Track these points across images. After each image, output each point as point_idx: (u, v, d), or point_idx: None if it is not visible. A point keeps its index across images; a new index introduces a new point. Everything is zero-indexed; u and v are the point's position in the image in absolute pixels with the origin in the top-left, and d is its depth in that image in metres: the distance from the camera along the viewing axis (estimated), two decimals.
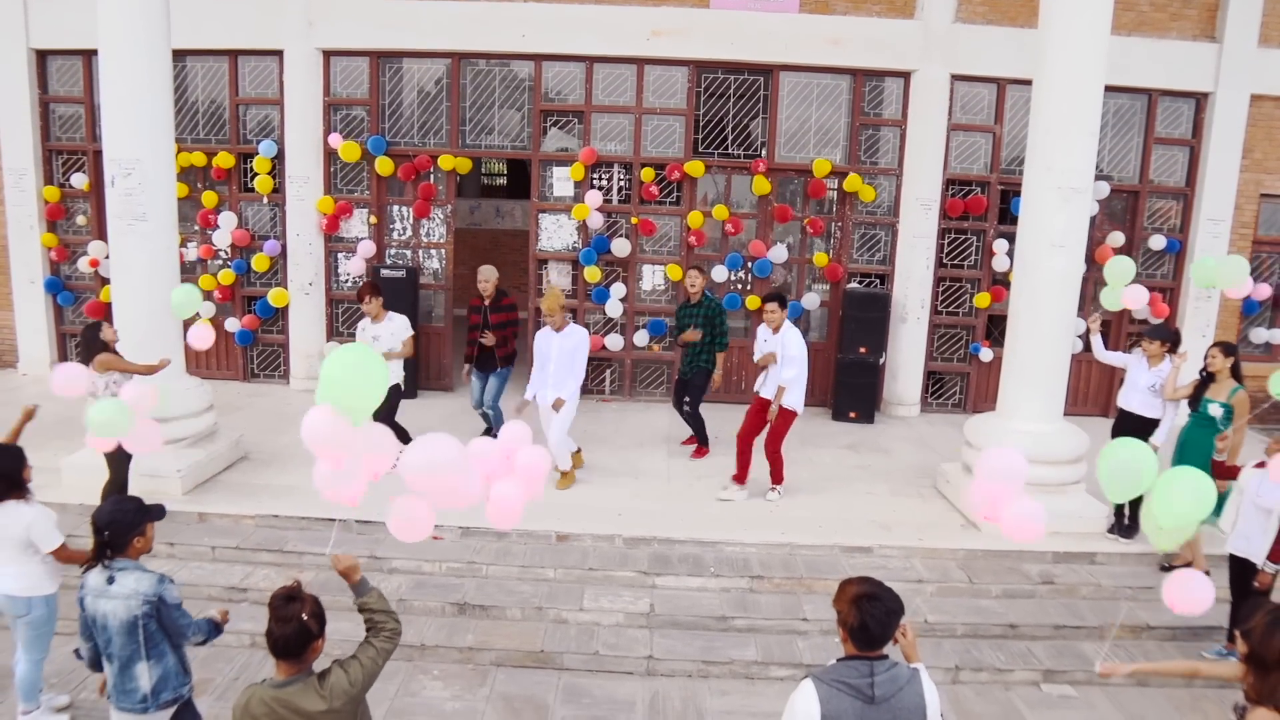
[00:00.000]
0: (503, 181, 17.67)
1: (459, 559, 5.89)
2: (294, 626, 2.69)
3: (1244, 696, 2.86)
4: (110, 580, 3.31)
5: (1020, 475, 3.40)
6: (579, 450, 7.36)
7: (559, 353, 6.74)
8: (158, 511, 3.52)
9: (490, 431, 7.65)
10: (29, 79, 9.32)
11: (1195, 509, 3.23)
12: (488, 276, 7.62)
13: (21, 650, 4.26)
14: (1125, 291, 5.96)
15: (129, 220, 6.22)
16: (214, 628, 3.54)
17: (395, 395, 6.97)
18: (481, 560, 5.90)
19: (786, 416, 6.68)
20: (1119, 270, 5.91)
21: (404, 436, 7.13)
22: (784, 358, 6.52)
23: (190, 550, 5.83)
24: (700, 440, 7.96)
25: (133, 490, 6.05)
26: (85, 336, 5.70)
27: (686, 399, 7.79)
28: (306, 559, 5.85)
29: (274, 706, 2.65)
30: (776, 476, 6.91)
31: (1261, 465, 4.85)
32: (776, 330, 6.61)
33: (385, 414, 7.43)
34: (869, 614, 2.61)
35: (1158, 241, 9.54)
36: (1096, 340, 6.54)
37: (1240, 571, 5.02)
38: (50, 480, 6.04)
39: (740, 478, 6.94)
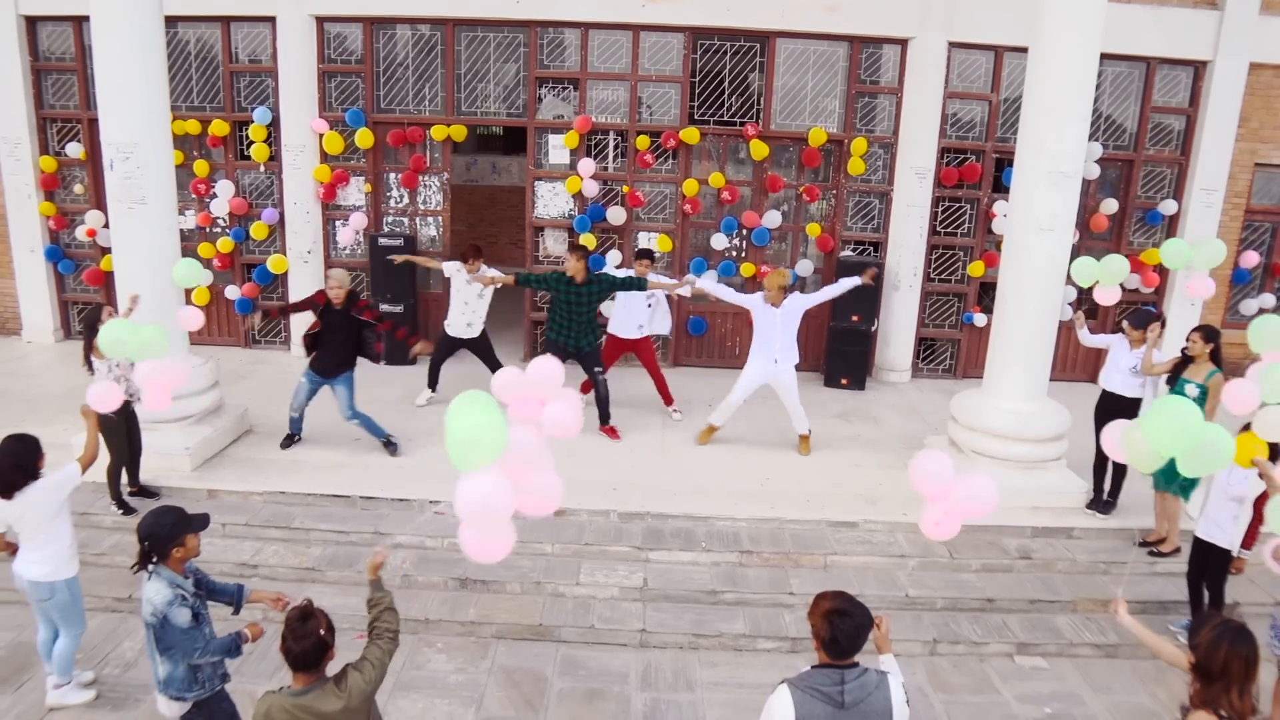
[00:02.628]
0: (498, 131, 17.47)
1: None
2: (312, 642, 2.90)
3: (1189, 700, 3.08)
4: (149, 577, 3.52)
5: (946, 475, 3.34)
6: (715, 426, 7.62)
7: (783, 325, 7.14)
8: (200, 522, 3.65)
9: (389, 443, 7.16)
10: (19, 46, 9.24)
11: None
12: (341, 281, 6.77)
13: (60, 628, 4.50)
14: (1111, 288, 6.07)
15: (129, 203, 6.29)
16: (235, 646, 3.67)
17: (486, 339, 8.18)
18: None
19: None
20: (1114, 269, 5.97)
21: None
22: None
23: None
24: (604, 418, 7.76)
25: (144, 468, 6.28)
26: (87, 322, 5.84)
27: (597, 368, 7.68)
28: (313, 535, 6.07)
29: (295, 713, 2.86)
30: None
31: None
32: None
33: (487, 356, 8.19)
34: (840, 628, 2.81)
35: (1169, 207, 9.60)
36: (1082, 331, 6.67)
37: (1203, 555, 5.25)
38: (62, 457, 6.14)
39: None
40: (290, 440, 7.19)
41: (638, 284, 7.64)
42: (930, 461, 3.36)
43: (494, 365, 8.16)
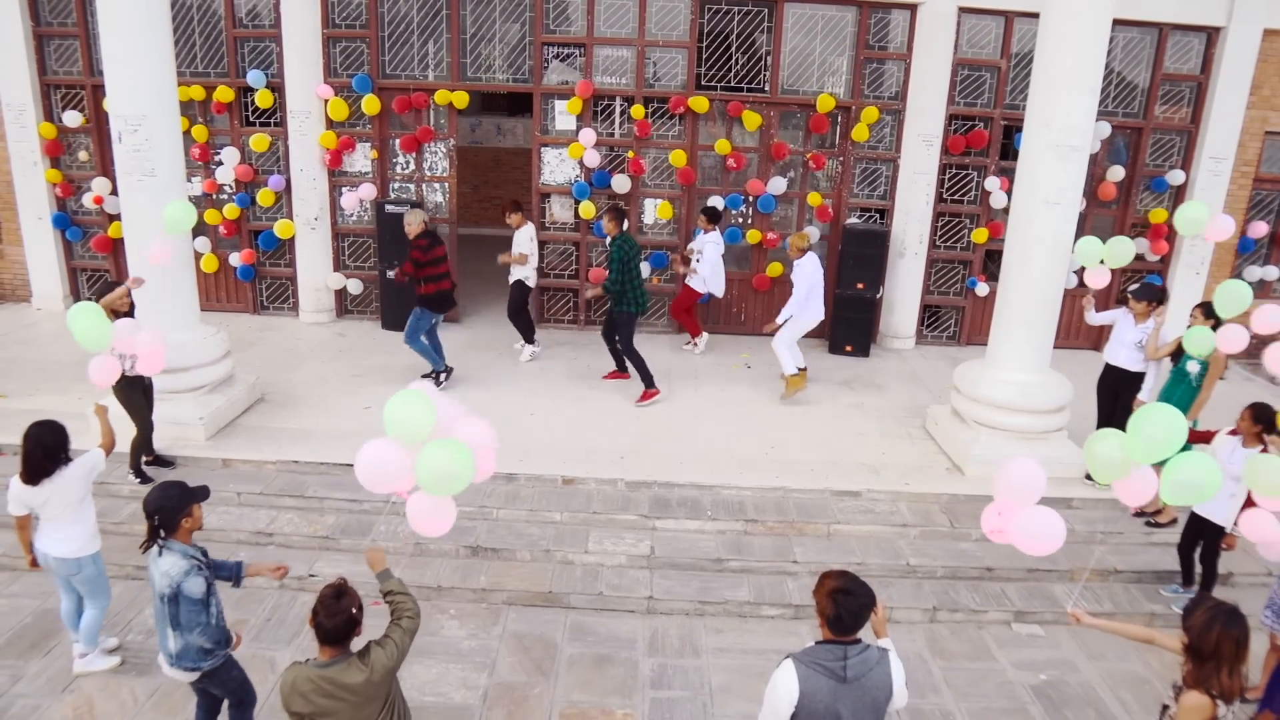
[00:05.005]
0: (503, 90, 17.26)
1: (471, 503, 6.20)
2: (343, 619, 3.02)
3: (1182, 679, 3.19)
4: (160, 553, 3.64)
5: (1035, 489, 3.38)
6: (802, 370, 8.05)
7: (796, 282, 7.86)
8: (202, 493, 3.80)
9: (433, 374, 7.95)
10: (20, 11, 9.15)
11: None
12: (411, 220, 7.84)
13: (86, 601, 4.64)
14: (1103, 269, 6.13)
15: (138, 176, 6.30)
16: (226, 641, 3.82)
17: (522, 291, 8.78)
18: (492, 504, 6.24)
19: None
20: (1118, 251, 5.99)
21: (528, 331, 8.96)
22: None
23: (217, 496, 6.13)
24: (645, 382, 7.90)
25: (158, 438, 6.40)
26: (100, 295, 5.88)
27: (615, 337, 8.15)
28: (327, 504, 6.19)
29: (320, 684, 2.99)
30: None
31: (1235, 432, 5.09)
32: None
33: (515, 307, 8.61)
34: (844, 607, 2.91)
35: (1176, 177, 9.57)
36: (1089, 312, 6.70)
37: (1197, 529, 5.36)
38: (79, 427, 6.24)
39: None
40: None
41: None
42: (1017, 473, 3.33)
43: (513, 316, 8.89)
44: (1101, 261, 6.07)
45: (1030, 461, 3.40)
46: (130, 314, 5.99)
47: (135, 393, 5.96)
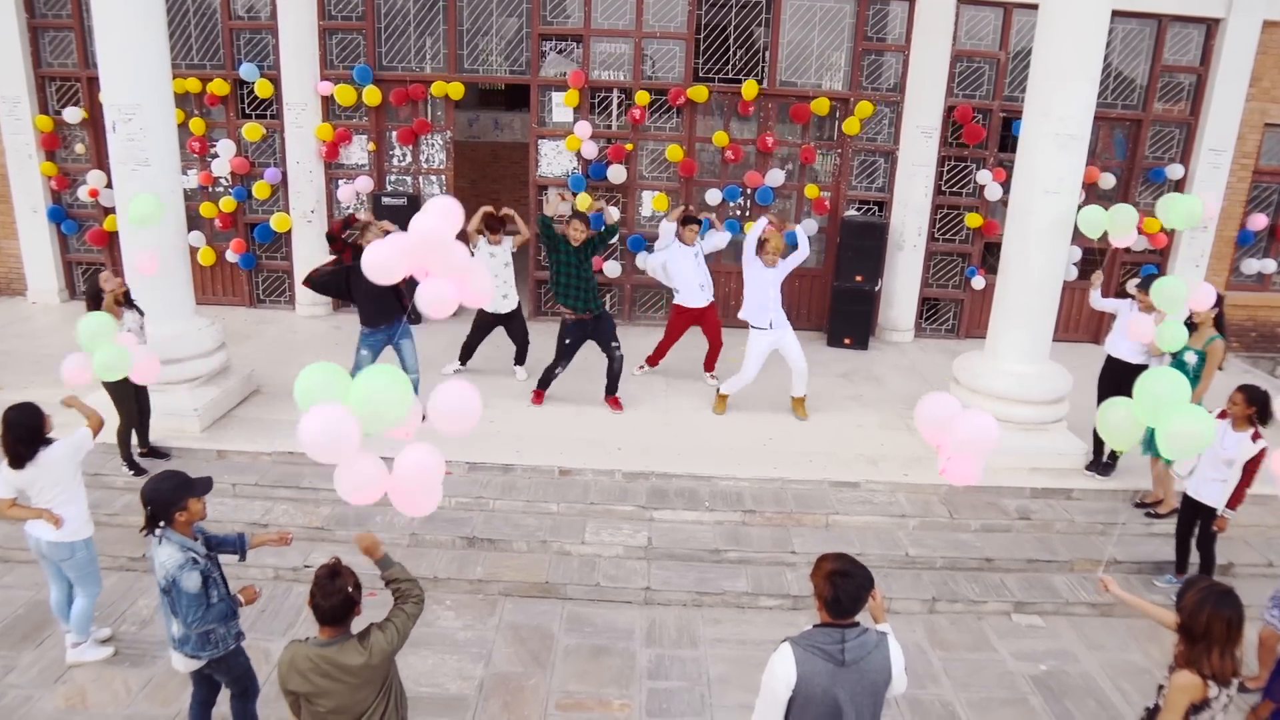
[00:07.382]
0: (500, 86, 17.22)
1: (467, 494, 6.19)
2: (340, 598, 3.00)
3: (1174, 659, 3.17)
4: (159, 541, 3.61)
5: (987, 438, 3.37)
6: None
7: (774, 284, 7.15)
8: (202, 485, 3.72)
9: None
10: (15, 3, 9.08)
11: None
12: (388, 228, 6.49)
13: (77, 588, 4.62)
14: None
15: (132, 166, 6.27)
16: (232, 612, 3.75)
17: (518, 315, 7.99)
18: (488, 495, 6.21)
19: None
20: (1122, 219, 5.91)
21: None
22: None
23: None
24: (612, 390, 7.54)
25: (154, 430, 6.37)
26: (89, 291, 5.86)
27: (615, 344, 7.38)
28: (322, 495, 6.15)
29: (318, 663, 2.97)
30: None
31: (1224, 415, 5.09)
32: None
33: (519, 334, 8.05)
34: (841, 589, 2.87)
35: (1175, 171, 9.52)
36: (1095, 293, 6.67)
37: (1191, 513, 5.35)
38: (66, 419, 6.25)
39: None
40: None
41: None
42: (934, 405, 3.38)
43: (523, 345, 8.07)
44: (1105, 234, 6.00)
45: (935, 395, 3.45)
46: (130, 304, 5.96)
47: (122, 380, 5.90)
